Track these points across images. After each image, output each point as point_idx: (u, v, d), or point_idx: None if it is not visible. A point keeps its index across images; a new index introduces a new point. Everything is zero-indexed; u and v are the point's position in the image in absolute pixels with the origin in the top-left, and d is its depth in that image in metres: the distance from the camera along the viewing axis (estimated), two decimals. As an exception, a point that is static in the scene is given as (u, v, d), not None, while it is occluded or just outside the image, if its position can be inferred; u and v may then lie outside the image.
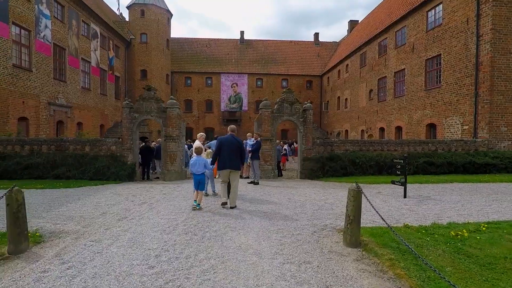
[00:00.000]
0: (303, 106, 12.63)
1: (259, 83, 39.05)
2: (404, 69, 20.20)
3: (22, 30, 17.68)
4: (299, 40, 44.88)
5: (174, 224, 5.10)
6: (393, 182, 8.10)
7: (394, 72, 21.54)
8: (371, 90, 25.28)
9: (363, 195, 4.41)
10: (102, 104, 27.58)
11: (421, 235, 4.42)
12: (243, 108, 38.38)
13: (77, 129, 23.14)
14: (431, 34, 17.47)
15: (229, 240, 4.29)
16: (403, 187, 7.86)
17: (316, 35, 43.67)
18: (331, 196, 8.01)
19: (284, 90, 12.70)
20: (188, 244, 4.13)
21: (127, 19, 34.65)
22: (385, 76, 22.85)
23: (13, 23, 16.90)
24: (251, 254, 3.82)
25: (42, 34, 19.26)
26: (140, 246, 4.04)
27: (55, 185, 9.57)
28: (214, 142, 8.46)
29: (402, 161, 7.99)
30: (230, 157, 6.39)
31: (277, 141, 13.20)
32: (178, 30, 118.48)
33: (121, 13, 38.78)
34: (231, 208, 6.33)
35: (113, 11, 36.33)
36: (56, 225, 5.22)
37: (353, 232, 4.32)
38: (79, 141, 11.78)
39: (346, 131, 30.64)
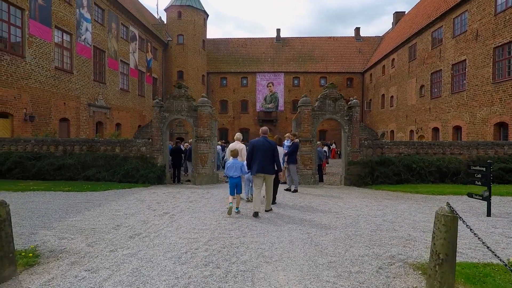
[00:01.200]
0: (348, 103, 11.11)
1: (296, 82, 37.55)
2: (465, 60, 17.59)
3: (64, 34, 18.16)
4: (339, 36, 42.53)
5: (194, 247, 4.05)
6: (470, 195, 6.38)
7: (452, 65, 18.92)
8: (422, 86, 22.67)
9: (461, 221, 3.00)
10: (140, 106, 28.01)
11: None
12: (279, 108, 37.13)
13: (115, 130, 23.59)
14: (501, 18, 14.85)
15: (262, 280, 3.12)
16: (485, 202, 6.13)
17: (357, 29, 41.06)
18: (389, 211, 6.50)
19: (326, 85, 11.28)
20: (206, 284, 3.02)
21: (165, 22, 35.18)
22: (440, 70, 20.23)
23: (56, 26, 17.38)
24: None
25: (83, 37, 19.73)
26: (143, 285, 3.01)
27: (82, 188, 9.14)
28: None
29: (484, 169, 6.25)
30: (263, 161, 5.95)
31: (317, 142, 11.77)
32: (215, 33, 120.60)
33: (160, 17, 39.67)
34: (266, 211, 6.19)
35: (152, 14, 37.17)
36: (61, 240, 4.45)
37: (445, 278, 2.93)
38: (110, 142, 11.42)
39: (392, 131, 28.04)
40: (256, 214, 5.80)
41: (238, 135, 7.81)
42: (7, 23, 14.34)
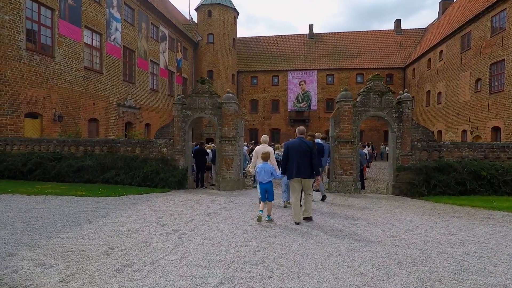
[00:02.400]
0: (397, 97, 9.39)
1: (330, 79, 35.49)
2: (537, 47, 14.83)
3: (94, 34, 18.10)
4: (376, 30, 39.73)
5: (198, 294, 2.84)
6: None
7: (518, 53, 16.15)
8: (478, 80, 19.83)
9: None
10: (170, 106, 27.74)
11: None
12: (311, 107, 35.30)
13: (145, 130, 23.43)
14: None
15: None
16: None
17: (398, 22, 38.02)
18: (465, 236, 4.84)
19: (371, 76, 9.63)
20: None
21: (196, 22, 34.93)
22: (503, 60, 17.43)
23: (86, 26, 17.32)
24: None
25: (112, 37, 19.64)
26: None
27: (97, 192, 8.40)
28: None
29: None
30: (299, 164, 5.48)
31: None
32: (245, 34, 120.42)
33: (191, 18, 39.59)
34: (305, 219, 5.61)
35: (182, 15, 37.16)
36: (36, 267, 3.47)
37: None
38: (130, 143, 10.69)
39: (440, 131, 25.14)
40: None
41: (265, 137, 7.29)
42: (37, 23, 14.34)
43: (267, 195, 5.69)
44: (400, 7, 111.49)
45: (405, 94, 9.22)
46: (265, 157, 6.05)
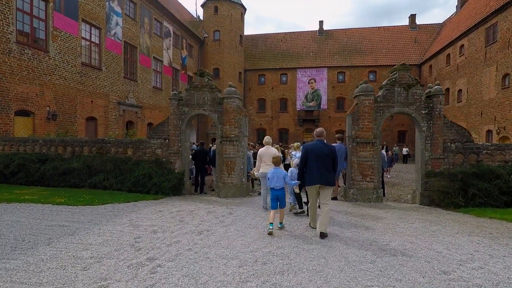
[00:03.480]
0: (427, 91, 8.05)
1: (340, 77, 34.00)
2: None
3: (92, 28, 17.17)
4: (390, 25, 38.05)
5: None
6: None
7: (555, 44, 14.51)
8: (506, 75, 18.17)
9: None
10: (174, 104, 26.74)
11: None
12: (321, 106, 33.87)
13: (147, 129, 22.45)
14: None
15: None
16: None
17: (412, 17, 36.30)
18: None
19: (396, 66, 8.30)
20: None
21: (202, 19, 33.92)
22: (535, 52, 15.79)
23: (83, 20, 16.39)
24: None
25: (112, 32, 18.69)
26: None
27: (78, 200, 7.32)
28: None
29: None
30: (319, 169, 4.97)
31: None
32: (253, 33, 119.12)
33: (198, 16, 38.62)
34: (321, 235, 4.77)
35: (188, 12, 36.18)
36: None
37: None
38: (121, 143, 9.59)
39: (460, 132, 23.41)
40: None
41: (267, 138, 6.92)
42: (29, 15, 13.41)
43: (279, 202, 5.25)
44: (412, 6, 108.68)
45: (436, 86, 7.86)
46: (277, 161, 5.64)
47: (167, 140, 9.14)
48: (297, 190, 6.08)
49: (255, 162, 8.21)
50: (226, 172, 8.69)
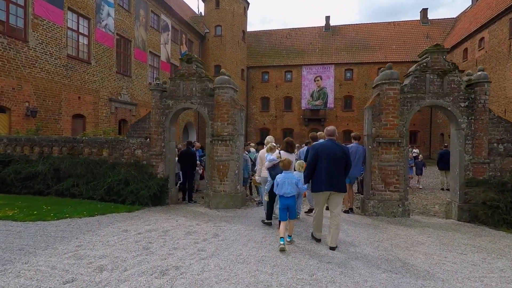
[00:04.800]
0: (466, 78, 6.47)
1: (348, 74, 32.31)
2: None
3: (80, 18, 15.81)
4: (400, 20, 36.26)
5: None
6: None
7: None
8: (534, 69, 16.43)
9: None
10: (172, 102, 25.36)
11: None
12: (328, 105, 32.21)
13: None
14: None
15: None
16: None
17: (424, 11, 34.52)
18: None
19: (428, 47, 6.72)
20: None
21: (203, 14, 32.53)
22: None
23: (69, 9, 15.03)
24: None
25: (103, 23, 17.33)
26: None
27: (30, 213, 5.88)
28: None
29: None
30: (332, 173, 4.32)
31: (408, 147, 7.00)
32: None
33: (200, 13, 37.22)
34: (331, 248, 4.24)
35: (189, 7, 34.83)
36: None
37: None
38: (96, 142, 8.13)
39: (479, 132, 21.65)
40: (318, 240, 4.56)
41: (269, 138, 6.13)
42: (4, 0, 12.09)
43: (289, 212, 4.56)
44: (420, 6, 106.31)
45: (479, 72, 6.27)
46: (286, 165, 4.76)
47: (148, 139, 7.67)
48: (266, 198, 5.20)
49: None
50: (217, 178, 7.18)
